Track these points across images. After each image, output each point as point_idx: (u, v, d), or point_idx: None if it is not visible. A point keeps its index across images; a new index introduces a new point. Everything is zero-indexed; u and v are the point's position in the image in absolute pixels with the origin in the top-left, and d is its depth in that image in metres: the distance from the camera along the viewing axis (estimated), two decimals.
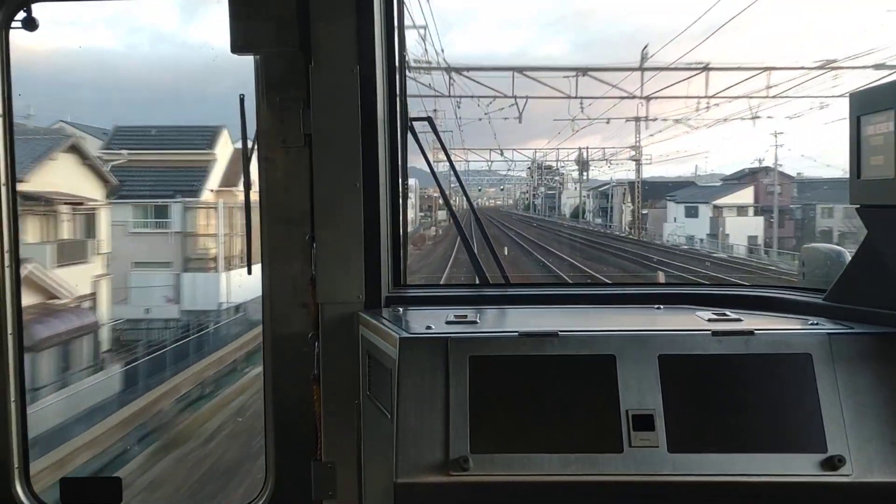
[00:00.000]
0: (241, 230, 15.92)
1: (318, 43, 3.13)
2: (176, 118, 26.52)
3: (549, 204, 63.97)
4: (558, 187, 60.63)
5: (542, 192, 64.25)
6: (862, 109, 2.59)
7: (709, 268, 27.72)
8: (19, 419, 3.45)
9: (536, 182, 62.54)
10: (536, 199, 66.81)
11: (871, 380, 2.48)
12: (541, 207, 65.19)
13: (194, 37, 31.62)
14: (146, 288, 23.90)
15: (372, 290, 3.22)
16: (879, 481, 2.36)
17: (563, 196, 61.68)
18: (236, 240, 25.68)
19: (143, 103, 24.84)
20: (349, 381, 3.14)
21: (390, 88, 3.39)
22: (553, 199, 63.29)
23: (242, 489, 11.93)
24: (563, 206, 62.03)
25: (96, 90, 24.51)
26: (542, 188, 63.47)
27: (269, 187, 3.25)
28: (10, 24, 3.40)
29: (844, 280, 2.87)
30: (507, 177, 63.08)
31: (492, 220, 52.29)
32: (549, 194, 63.17)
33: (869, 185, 2.58)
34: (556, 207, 62.83)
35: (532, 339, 2.57)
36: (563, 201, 62.09)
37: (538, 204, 66.22)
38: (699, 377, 2.51)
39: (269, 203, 3.26)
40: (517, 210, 72.11)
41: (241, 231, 3.56)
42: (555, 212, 62.40)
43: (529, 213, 67.56)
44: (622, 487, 2.39)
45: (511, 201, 76.19)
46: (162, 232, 25.61)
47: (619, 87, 24.44)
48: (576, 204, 58.62)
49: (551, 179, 59.49)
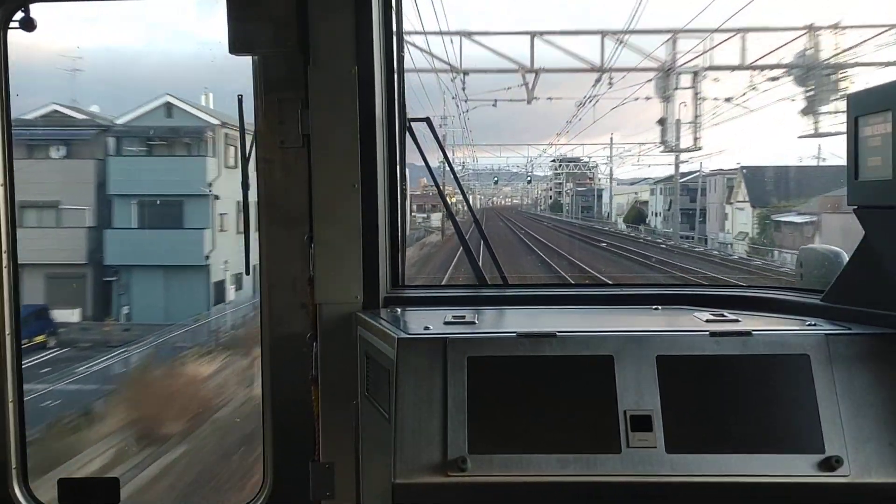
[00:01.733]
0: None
1: (316, 44, 3.14)
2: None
3: (582, 202, 49.52)
4: (595, 182, 46.49)
5: (570, 189, 50.05)
6: (860, 110, 2.59)
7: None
8: (17, 419, 3.45)
9: (556, 177, 49.69)
10: (563, 196, 52.45)
11: (869, 380, 2.48)
12: (571, 207, 51.02)
13: (193, 37, 31.62)
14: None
15: (370, 291, 3.22)
16: (877, 482, 2.37)
17: (603, 193, 46.85)
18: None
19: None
20: (347, 381, 3.14)
21: (388, 89, 3.39)
22: (587, 198, 49.20)
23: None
24: (604, 206, 47.39)
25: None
26: (568, 184, 49.62)
27: (268, 188, 3.25)
28: (7, 25, 3.40)
29: (842, 281, 2.87)
30: (517, 174, 52.08)
31: (511, 225, 41.66)
32: (582, 191, 48.84)
33: (866, 186, 2.58)
34: (593, 207, 48.90)
35: (530, 339, 2.57)
36: (604, 199, 47.35)
37: (567, 203, 51.94)
38: (697, 378, 2.51)
39: (268, 204, 3.26)
40: (538, 210, 58.95)
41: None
42: (590, 212, 48.69)
43: (556, 213, 53.05)
44: (620, 488, 2.39)
45: (528, 200, 62.94)
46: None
47: (654, 56, 19.77)
48: (628, 203, 45.03)
49: (580, 174, 46.28)
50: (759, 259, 23.54)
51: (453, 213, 3.98)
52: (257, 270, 3.37)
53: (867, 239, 2.71)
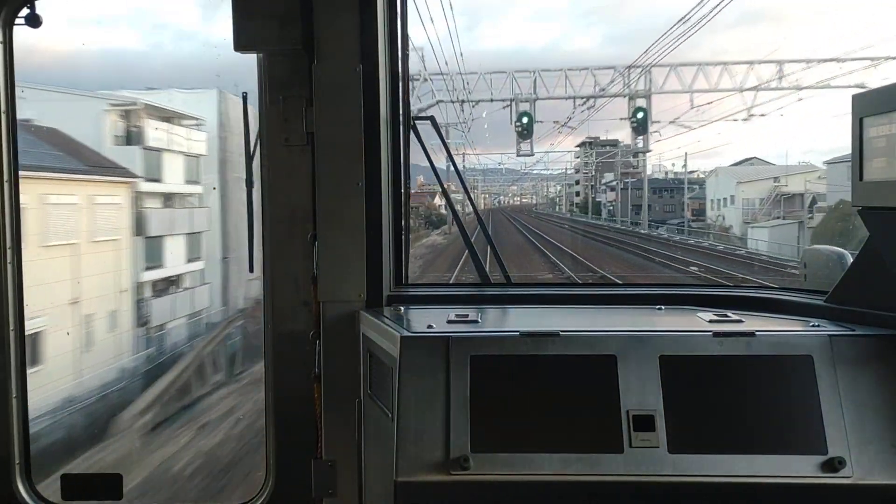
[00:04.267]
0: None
1: (321, 41, 3.14)
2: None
3: (633, 198, 34.31)
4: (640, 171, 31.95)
5: (617, 183, 35.30)
6: (865, 111, 2.58)
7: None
8: (21, 415, 3.45)
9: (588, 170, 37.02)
10: (597, 190, 38.90)
11: (872, 382, 2.48)
12: (617, 208, 36.39)
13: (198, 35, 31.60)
14: None
15: (373, 289, 3.22)
16: (880, 483, 2.36)
17: (705, 185, 32.12)
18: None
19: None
20: (350, 379, 3.14)
21: (393, 87, 3.40)
22: (660, 193, 34.16)
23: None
24: (710, 204, 31.31)
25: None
26: (606, 175, 36.25)
27: (272, 186, 3.25)
28: (13, 21, 3.40)
29: (846, 282, 2.87)
30: (527, 174, 45.25)
31: (535, 245, 27.87)
32: (636, 182, 33.47)
33: (871, 188, 2.57)
34: (672, 208, 33.74)
35: (533, 338, 2.57)
36: (708, 193, 31.89)
37: (607, 202, 37.84)
38: (700, 378, 2.51)
39: (272, 201, 3.26)
40: (556, 210, 47.19)
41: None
42: (663, 214, 33.88)
43: (591, 216, 38.78)
44: (622, 488, 2.39)
45: (540, 199, 52.35)
46: None
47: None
48: (771, 196, 28.26)
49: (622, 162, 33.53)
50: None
51: (457, 213, 3.99)
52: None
53: (872, 240, 2.70)
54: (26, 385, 3.49)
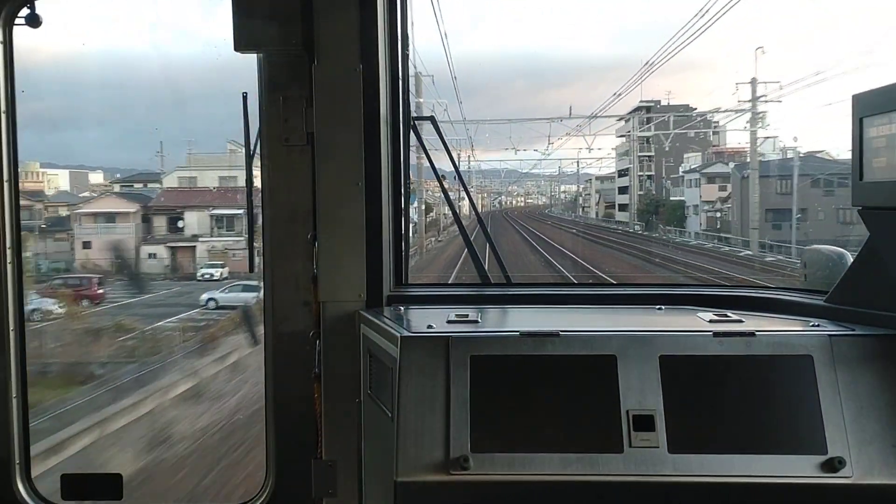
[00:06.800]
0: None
1: (321, 41, 3.14)
2: (181, 117, 26.11)
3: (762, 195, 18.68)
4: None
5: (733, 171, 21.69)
6: (865, 111, 2.58)
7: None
8: (21, 416, 3.45)
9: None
10: (673, 188, 26.36)
11: (872, 382, 2.48)
12: (734, 212, 21.42)
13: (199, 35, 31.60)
14: None
15: (373, 289, 3.22)
16: (880, 483, 2.36)
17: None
18: None
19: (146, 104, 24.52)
20: (350, 379, 3.14)
21: (393, 87, 3.40)
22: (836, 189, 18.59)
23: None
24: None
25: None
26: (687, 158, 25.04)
27: (272, 186, 3.25)
28: (13, 21, 3.40)
29: (846, 282, 2.87)
30: (527, 175, 45.25)
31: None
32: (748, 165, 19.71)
33: (871, 188, 2.57)
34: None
35: (533, 338, 2.57)
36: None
37: (704, 204, 23.60)
38: (700, 378, 2.51)
39: (272, 202, 3.26)
40: (577, 214, 35.13)
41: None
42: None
43: (642, 224, 26.44)
44: (622, 488, 2.39)
45: (545, 199, 40.90)
46: None
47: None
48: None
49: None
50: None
51: (457, 213, 3.99)
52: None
53: (872, 240, 2.70)
54: (26, 385, 3.49)
